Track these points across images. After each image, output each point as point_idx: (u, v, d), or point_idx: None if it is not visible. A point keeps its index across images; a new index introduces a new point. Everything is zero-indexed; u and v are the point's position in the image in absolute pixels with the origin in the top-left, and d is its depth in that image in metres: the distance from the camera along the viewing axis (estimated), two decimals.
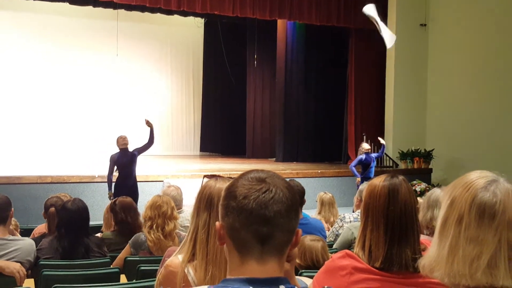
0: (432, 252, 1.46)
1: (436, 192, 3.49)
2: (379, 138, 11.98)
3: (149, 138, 9.38)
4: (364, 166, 11.07)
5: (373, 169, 11.12)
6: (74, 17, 18.15)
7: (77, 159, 15.68)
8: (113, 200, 5.46)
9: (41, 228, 5.69)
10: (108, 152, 9.48)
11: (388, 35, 11.10)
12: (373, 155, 11.39)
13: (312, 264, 3.93)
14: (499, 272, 1.36)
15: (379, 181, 2.22)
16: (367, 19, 15.66)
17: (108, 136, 19.01)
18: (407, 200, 2.17)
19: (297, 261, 3.92)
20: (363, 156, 10.98)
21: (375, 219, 2.14)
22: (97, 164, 13.86)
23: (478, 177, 1.46)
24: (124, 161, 9.18)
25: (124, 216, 5.12)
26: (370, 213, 2.17)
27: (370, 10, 11.46)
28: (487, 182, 1.43)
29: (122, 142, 9.23)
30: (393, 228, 2.12)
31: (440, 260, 1.42)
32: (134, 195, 8.76)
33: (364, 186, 5.95)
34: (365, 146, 11.27)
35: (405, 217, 2.14)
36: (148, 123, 9.42)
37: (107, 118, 19.32)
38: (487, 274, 1.36)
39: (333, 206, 6.83)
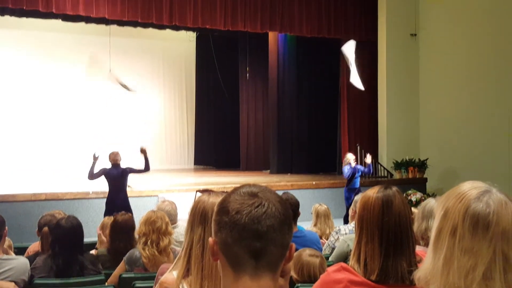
0: (427, 264, 1.45)
1: (430, 202, 3.49)
2: (368, 157, 11.86)
3: (145, 165, 9.37)
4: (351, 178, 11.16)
5: (358, 180, 11.19)
6: (66, 33, 18.14)
7: (71, 175, 15.62)
8: (113, 216, 5.39)
9: (35, 246, 5.65)
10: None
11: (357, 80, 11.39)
12: (359, 167, 11.40)
13: (309, 280, 3.90)
14: (494, 284, 1.35)
15: (372, 192, 2.21)
16: (358, 30, 15.83)
17: (101, 151, 19.04)
18: (401, 212, 2.17)
19: (295, 276, 3.93)
20: (353, 166, 11.06)
21: (369, 231, 2.13)
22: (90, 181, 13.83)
23: (471, 187, 1.46)
24: (115, 173, 9.15)
25: (113, 237, 5.06)
26: (364, 225, 2.16)
27: (347, 50, 11.87)
28: (480, 192, 1.43)
29: (113, 157, 9.21)
30: (388, 240, 2.11)
31: (436, 272, 1.41)
32: (127, 211, 8.73)
33: (360, 197, 5.94)
34: (351, 156, 11.31)
35: (400, 228, 2.13)
36: (143, 151, 9.37)
37: (100, 134, 19.26)
38: (483, 286, 1.35)
39: (328, 218, 6.81)
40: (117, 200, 9.10)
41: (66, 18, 15.19)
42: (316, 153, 17.52)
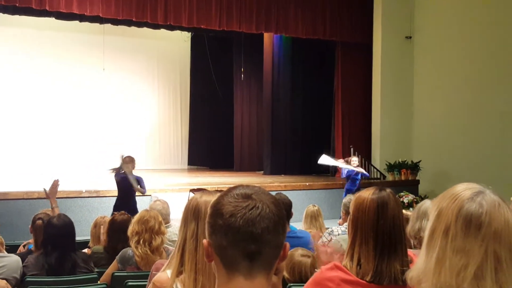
0: (420, 263, 1.46)
1: (426, 203, 3.52)
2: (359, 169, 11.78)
3: (143, 189, 9.17)
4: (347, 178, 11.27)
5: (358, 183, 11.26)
6: (60, 32, 18.09)
7: (64, 174, 15.58)
8: (112, 216, 5.39)
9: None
10: (95, 166, 9.42)
11: (344, 167, 11.47)
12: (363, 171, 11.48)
13: (299, 280, 3.91)
14: (485, 283, 1.35)
15: (367, 194, 2.21)
16: (353, 32, 15.86)
17: (95, 150, 19.02)
18: (395, 214, 2.18)
19: (286, 275, 3.93)
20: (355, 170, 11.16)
21: (364, 233, 2.14)
22: (84, 179, 13.81)
23: (464, 188, 1.47)
24: (127, 184, 8.99)
25: (111, 236, 5.08)
26: (359, 227, 2.16)
27: (324, 160, 12.01)
28: (474, 193, 1.44)
29: (134, 165, 9.05)
30: (383, 242, 2.12)
31: (428, 272, 1.41)
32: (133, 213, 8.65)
33: (348, 199, 5.95)
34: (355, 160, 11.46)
35: (394, 230, 2.15)
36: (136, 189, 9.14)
37: (93, 133, 19.25)
38: (474, 285, 1.36)
39: (316, 219, 6.78)
40: (127, 205, 8.95)
41: (60, 16, 15.11)
42: (310, 154, 17.49)
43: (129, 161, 9.06)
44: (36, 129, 18.52)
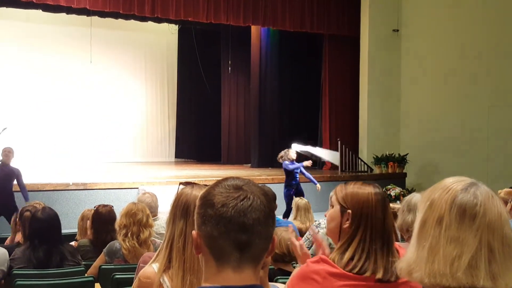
0: (410, 254, 1.46)
1: (416, 196, 3.54)
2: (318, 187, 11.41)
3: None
4: (288, 173, 10.86)
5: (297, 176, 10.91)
6: (47, 24, 17.98)
7: (50, 166, 15.52)
8: (94, 208, 5.39)
9: (18, 237, 5.62)
10: (85, 158, 9.38)
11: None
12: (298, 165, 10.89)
13: (287, 253, 4.11)
14: (479, 272, 1.37)
15: (368, 190, 2.21)
16: (341, 25, 15.87)
17: (82, 142, 18.95)
18: (390, 210, 2.21)
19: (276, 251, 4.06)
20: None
21: (370, 230, 2.13)
22: (71, 172, 13.77)
23: (456, 180, 1.48)
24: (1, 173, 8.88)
25: (98, 229, 5.07)
26: (363, 222, 2.15)
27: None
28: (467, 184, 1.45)
29: (5, 154, 8.97)
30: (389, 239, 2.14)
31: (420, 261, 1.42)
32: (8, 211, 8.50)
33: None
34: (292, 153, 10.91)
35: (393, 227, 2.18)
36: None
37: (81, 125, 19.18)
38: (468, 274, 1.37)
39: (308, 211, 6.88)
40: None
41: (47, 8, 15.03)
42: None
43: (8, 152, 9.06)
44: (23, 122, 18.39)
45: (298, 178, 10.88)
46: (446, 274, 1.38)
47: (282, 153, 10.92)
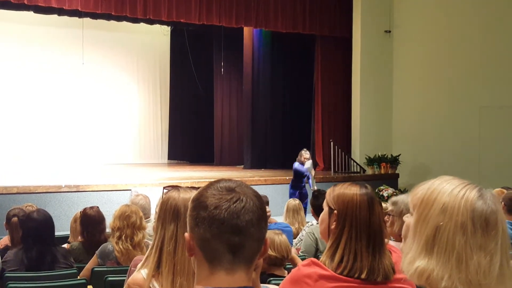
0: (422, 260, 1.43)
1: (406, 198, 3.54)
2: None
3: None
4: (295, 174, 10.97)
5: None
6: (38, 26, 17.89)
7: (42, 168, 15.47)
8: (81, 212, 5.39)
9: (5, 240, 5.60)
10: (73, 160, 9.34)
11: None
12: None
13: (286, 256, 4.18)
14: (505, 279, 1.40)
15: (353, 190, 2.21)
16: (333, 26, 15.90)
17: (75, 144, 18.90)
18: (380, 211, 2.21)
19: (273, 254, 4.09)
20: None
21: (355, 230, 2.13)
22: (63, 173, 13.72)
23: (460, 183, 1.47)
24: None
25: (89, 231, 5.07)
26: (347, 223, 2.15)
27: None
28: (478, 190, 1.46)
29: None
30: (375, 239, 2.13)
31: (447, 269, 1.40)
32: None
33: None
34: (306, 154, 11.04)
35: (380, 227, 2.17)
36: None
37: (73, 127, 19.11)
38: (500, 280, 1.39)
39: (298, 212, 6.90)
40: None
41: (38, 10, 14.98)
42: (290, 148, 17.53)
43: None
44: (15, 123, 18.34)
45: (304, 182, 10.91)
46: (481, 284, 1.39)
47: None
